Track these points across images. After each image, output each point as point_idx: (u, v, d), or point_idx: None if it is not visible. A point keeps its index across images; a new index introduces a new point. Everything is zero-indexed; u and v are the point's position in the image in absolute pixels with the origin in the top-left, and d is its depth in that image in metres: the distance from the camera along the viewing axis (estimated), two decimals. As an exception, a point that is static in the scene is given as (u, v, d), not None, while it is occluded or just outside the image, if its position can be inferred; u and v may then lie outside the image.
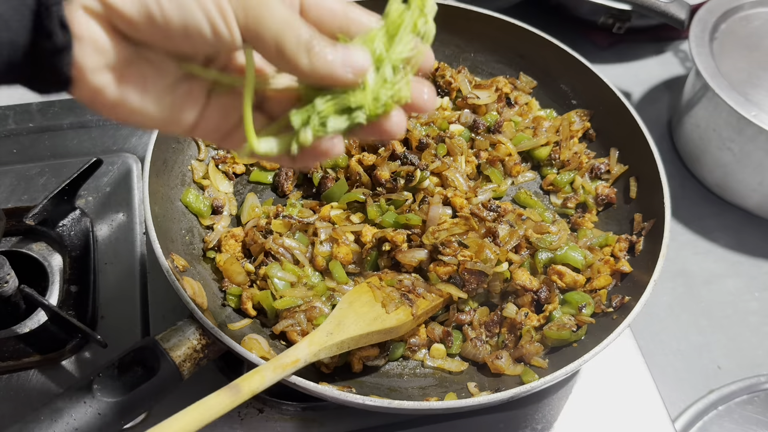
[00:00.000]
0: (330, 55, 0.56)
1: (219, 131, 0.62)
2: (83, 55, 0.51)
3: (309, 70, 0.56)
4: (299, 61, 0.55)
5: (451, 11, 1.32)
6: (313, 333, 0.88)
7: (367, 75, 0.58)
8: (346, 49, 0.57)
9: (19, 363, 0.99)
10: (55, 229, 1.12)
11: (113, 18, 0.51)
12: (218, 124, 0.62)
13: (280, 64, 0.57)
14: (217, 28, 0.53)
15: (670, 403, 1.08)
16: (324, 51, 0.56)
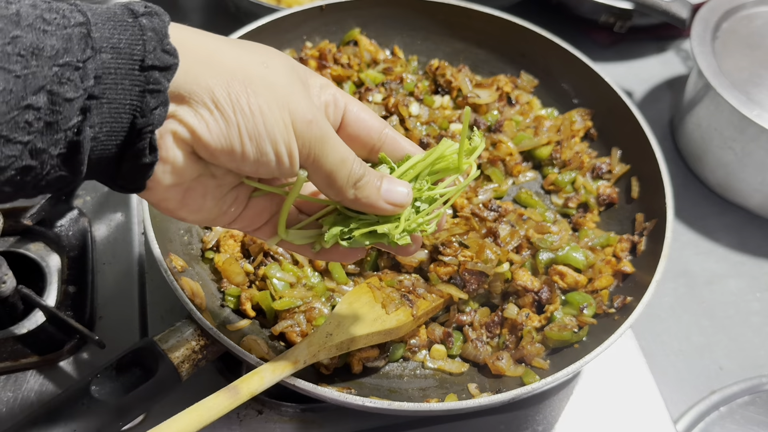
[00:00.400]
0: (374, 189, 0.64)
1: (252, 226, 0.69)
2: (162, 173, 0.57)
3: (352, 201, 0.64)
4: (346, 193, 0.63)
5: (452, 10, 1.32)
6: (313, 334, 0.87)
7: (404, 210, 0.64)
8: (389, 182, 0.65)
9: (17, 364, 0.98)
10: (52, 229, 1.11)
11: (197, 147, 0.56)
12: (252, 221, 0.69)
13: (328, 193, 0.64)
14: (283, 164, 0.59)
15: (672, 404, 1.08)
16: (369, 185, 0.64)
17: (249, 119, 0.56)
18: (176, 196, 0.60)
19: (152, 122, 0.52)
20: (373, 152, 0.69)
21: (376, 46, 1.33)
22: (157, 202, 0.61)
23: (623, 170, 1.19)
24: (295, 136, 0.58)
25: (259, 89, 0.56)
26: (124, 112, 0.51)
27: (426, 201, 0.68)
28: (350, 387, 0.94)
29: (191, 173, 0.59)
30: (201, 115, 0.54)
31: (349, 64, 1.27)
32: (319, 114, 0.60)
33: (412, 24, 1.35)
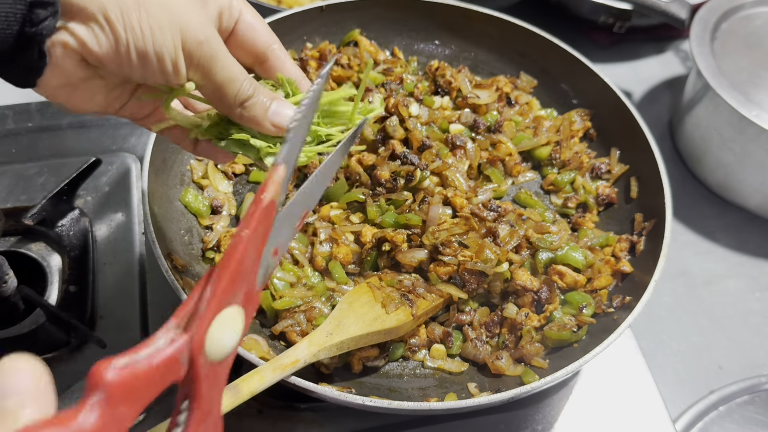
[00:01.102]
0: (262, 109, 0.68)
1: (138, 115, 0.75)
2: (51, 76, 0.62)
3: (238, 117, 0.68)
4: (233, 110, 0.68)
5: (451, 10, 1.32)
6: (313, 333, 0.88)
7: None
8: (279, 105, 0.69)
9: (18, 363, 0.98)
10: (54, 229, 1.11)
11: (86, 56, 0.61)
12: (138, 111, 0.74)
13: (216, 106, 0.69)
14: (169, 78, 0.64)
15: (671, 404, 1.08)
16: (258, 105, 0.67)
17: (138, 38, 0.60)
18: (66, 92, 0.65)
19: (41, 32, 0.57)
20: (258, 63, 0.73)
21: (376, 46, 1.33)
22: (47, 96, 0.66)
23: (622, 170, 1.19)
24: (184, 55, 0.62)
25: (152, 8, 0.60)
26: (14, 22, 0.56)
27: (311, 135, 0.72)
28: (350, 386, 0.94)
29: (80, 76, 0.64)
30: (92, 30, 0.59)
31: (349, 64, 1.28)
32: (211, 32, 0.64)
33: (412, 25, 1.36)
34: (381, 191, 1.08)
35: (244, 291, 0.53)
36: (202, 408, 0.50)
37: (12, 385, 0.43)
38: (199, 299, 0.50)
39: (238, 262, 0.52)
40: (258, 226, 0.54)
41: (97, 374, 0.43)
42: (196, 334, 0.49)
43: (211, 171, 1.15)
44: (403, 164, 1.08)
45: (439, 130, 1.18)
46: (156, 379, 0.46)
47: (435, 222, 1.03)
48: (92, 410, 0.42)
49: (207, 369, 0.50)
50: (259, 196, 0.55)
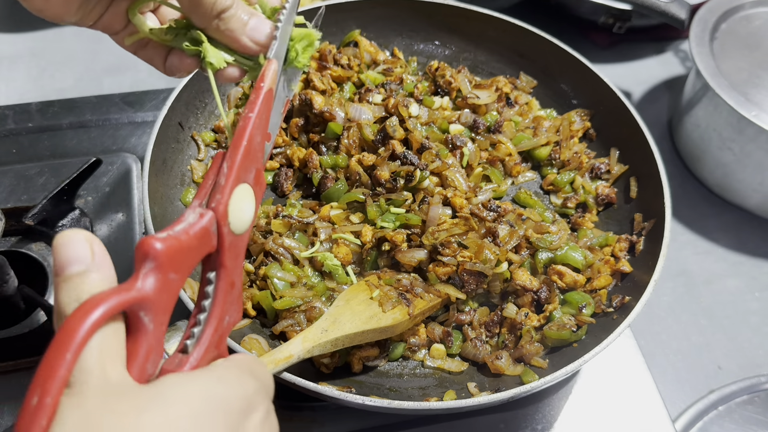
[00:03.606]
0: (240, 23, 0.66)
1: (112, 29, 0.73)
2: None
3: (215, 30, 0.66)
4: (210, 22, 0.66)
5: (451, 11, 1.33)
6: (308, 329, 0.88)
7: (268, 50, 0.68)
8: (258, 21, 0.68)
9: (19, 363, 0.99)
10: (54, 229, 1.12)
11: None
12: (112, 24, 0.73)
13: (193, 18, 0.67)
14: None
15: (671, 403, 1.08)
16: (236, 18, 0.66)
17: None
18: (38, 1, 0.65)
19: None
20: None
21: (376, 47, 1.33)
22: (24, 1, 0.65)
23: (622, 170, 1.19)
24: None
25: None
26: None
27: None
28: (350, 386, 0.94)
29: None
30: None
31: (349, 65, 1.28)
32: None
33: (411, 25, 1.36)
34: (381, 191, 1.08)
35: (254, 170, 0.59)
36: (227, 278, 0.55)
37: (74, 254, 0.47)
38: (217, 176, 0.56)
39: (249, 140, 0.58)
40: (261, 110, 0.60)
41: (146, 246, 0.47)
42: (221, 204, 0.54)
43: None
44: (403, 164, 1.08)
45: (439, 130, 1.18)
46: (194, 249, 0.51)
47: (435, 222, 1.03)
48: (147, 276, 0.47)
49: (230, 240, 0.55)
50: (259, 83, 0.62)
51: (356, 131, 1.14)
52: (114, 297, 0.44)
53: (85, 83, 1.50)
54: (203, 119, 1.21)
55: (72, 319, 0.42)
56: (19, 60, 1.52)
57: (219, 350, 0.55)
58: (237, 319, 0.58)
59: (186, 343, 0.53)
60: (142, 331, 0.47)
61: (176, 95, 1.10)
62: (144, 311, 0.47)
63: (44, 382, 0.40)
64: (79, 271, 0.47)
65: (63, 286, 0.46)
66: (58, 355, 0.41)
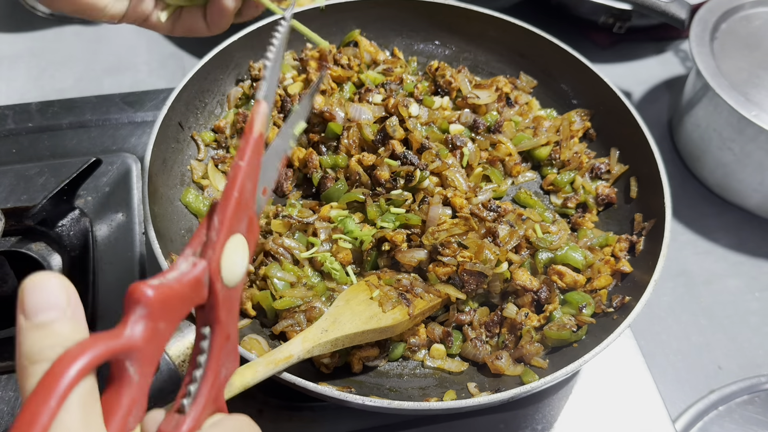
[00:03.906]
0: None
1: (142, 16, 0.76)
2: None
3: None
4: None
5: (451, 11, 1.33)
6: (308, 329, 0.88)
7: None
8: None
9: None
10: (54, 229, 1.11)
11: None
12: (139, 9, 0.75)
13: None
14: None
15: (671, 403, 1.08)
16: None
17: None
18: None
19: None
20: None
21: (376, 47, 1.33)
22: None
23: (622, 170, 1.19)
24: None
25: None
26: None
27: None
28: (350, 386, 0.94)
29: None
30: None
31: (349, 65, 1.28)
32: None
33: (411, 25, 1.36)
34: (381, 191, 1.08)
35: (246, 219, 0.58)
36: (222, 332, 0.54)
37: (45, 300, 0.43)
38: (209, 229, 0.55)
39: (239, 190, 0.57)
40: (252, 157, 0.59)
41: (137, 292, 0.45)
42: (212, 258, 0.53)
43: (211, 171, 1.15)
44: (403, 164, 1.08)
45: (439, 130, 1.18)
46: (186, 298, 0.50)
47: (435, 222, 1.03)
48: (137, 323, 0.45)
49: (224, 294, 0.54)
50: (249, 130, 0.60)
51: (356, 131, 1.14)
52: (102, 344, 0.42)
53: (85, 83, 1.50)
54: (203, 119, 1.21)
55: (55, 368, 0.40)
56: (19, 60, 1.52)
57: (217, 405, 0.54)
58: (233, 369, 0.57)
59: (182, 402, 0.52)
60: (126, 383, 0.44)
61: (176, 95, 1.10)
62: (130, 361, 0.44)
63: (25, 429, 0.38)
64: (52, 318, 0.43)
65: (31, 334, 0.42)
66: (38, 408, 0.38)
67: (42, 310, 0.43)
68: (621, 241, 1.09)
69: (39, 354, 0.42)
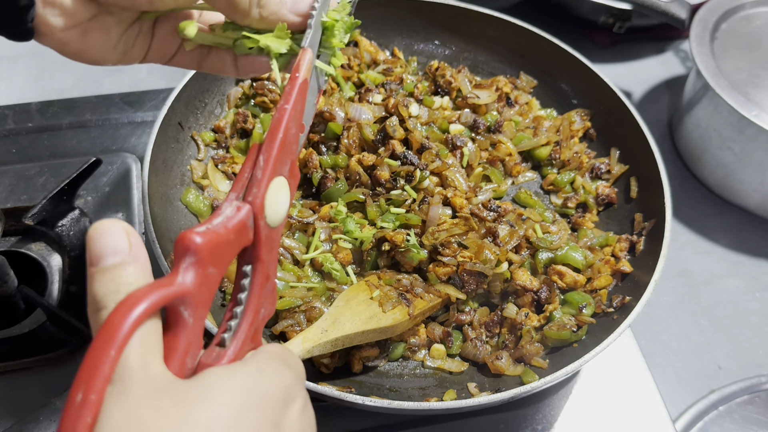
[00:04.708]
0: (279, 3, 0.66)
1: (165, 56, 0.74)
2: (53, 18, 0.60)
3: (259, 20, 0.67)
4: (251, 12, 0.65)
5: (451, 11, 1.32)
6: (308, 330, 0.88)
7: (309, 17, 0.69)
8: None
9: (19, 363, 0.99)
10: (54, 229, 1.11)
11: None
12: (163, 50, 0.73)
13: (234, 17, 0.67)
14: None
15: (671, 403, 1.08)
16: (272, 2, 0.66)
17: None
18: (76, 38, 0.63)
19: None
20: None
21: (376, 47, 1.33)
22: (60, 46, 0.64)
23: (622, 170, 1.19)
24: None
25: None
26: None
27: None
28: (350, 386, 0.94)
29: (85, 14, 0.62)
30: None
31: (349, 64, 1.28)
32: None
33: (411, 25, 1.36)
34: (381, 191, 1.08)
35: (289, 162, 0.59)
36: (263, 271, 0.55)
37: (111, 245, 0.45)
38: (253, 169, 0.55)
39: (285, 132, 0.58)
40: (296, 100, 0.60)
41: (186, 240, 0.47)
42: (257, 198, 0.54)
43: (211, 171, 1.15)
44: (403, 164, 1.08)
45: (439, 130, 1.18)
46: (232, 242, 0.51)
47: (435, 222, 1.03)
48: (188, 270, 0.46)
49: (266, 233, 0.55)
50: (294, 74, 0.62)
51: (356, 131, 1.14)
52: (156, 292, 0.44)
53: (85, 83, 1.50)
54: (203, 119, 1.21)
55: (115, 315, 0.42)
56: (19, 60, 1.52)
57: (254, 343, 0.55)
58: (271, 311, 0.58)
59: (223, 336, 0.53)
60: (182, 326, 0.47)
61: (176, 95, 1.10)
62: (184, 306, 0.46)
63: (88, 378, 0.40)
64: (116, 262, 0.45)
65: (99, 278, 0.45)
66: (103, 351, 0.40)
67: (106, 255, 0.45)
68: (621, 241, 1.09)
69: (103, 300, 0.44)
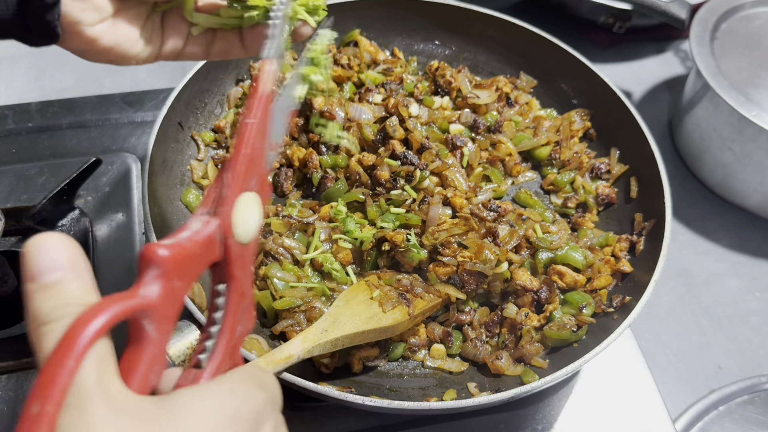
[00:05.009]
0: None
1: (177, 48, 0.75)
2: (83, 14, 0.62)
3: None
4: None
5: (451, 11, 1.32)
6: (308, 330, 0.88)
7: None
8: None
9: (19, 363, 0.99)
10: (54, 229, 1.11)
11: None
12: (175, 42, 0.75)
13: None
14: None
15: (671, 403, 1.08)
16: None
17: None
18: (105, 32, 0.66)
19: None
20: None
21: (376, 47, 1.33)
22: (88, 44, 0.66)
23: (622, 170, 1.19)
24: None
25: None
26: None
27: None
28: (350, 386, 0.94)
29: (111, 7, 0.66)
30: None
31: (349, 64, 1.28)
32: None
33: (411, 25, 1.36)
34: (381, 191, 1.08)
35: (256, 177, 0.59)
36: (237, 289, 0.55)
37: (49, 261, 0.43)
38: (221, 187, 0.55)
39: (249, 146, 0.58)
40: (261, 114, 0.60)
41: (150, 253, 0.46)
42: (224, 215, 0.54)
43: (211, 171, 1.15)
44: (403, 164, 1.08)
45: (439, 130, 1.18)
46: (199, 256, 0.51)
47: (435, 222, 1.03)
48: (152, 283, 0.45)
49: (237, 250, 0.55)
50: (257, 87, 0.61)
51: (356, 131, 1.14)
52: (118, 304, 0.43)
53: (85, 83, 1.50)
54: (203, 119, 1.21)
55: (76, 326, 0.40)
56: (19, 60, 1.52)
57: (233, 361, 0.55)
58: (249, 328, 0.57)
59: (199, 357, 0.52)
60: (145, 340, 0.46)
61: (176, 95, 1.10)
62: (147, 319, 0.45)
63: (44, 389, 0.39)
64: (57, 279, 0.43)
65: (38, 296, 0.43)
66: (60, 362, 0.39)
67: (46, 270, 0.43)
68: (621, 241, 1.09)
69: (49, 314, 0.42)
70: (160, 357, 0.47)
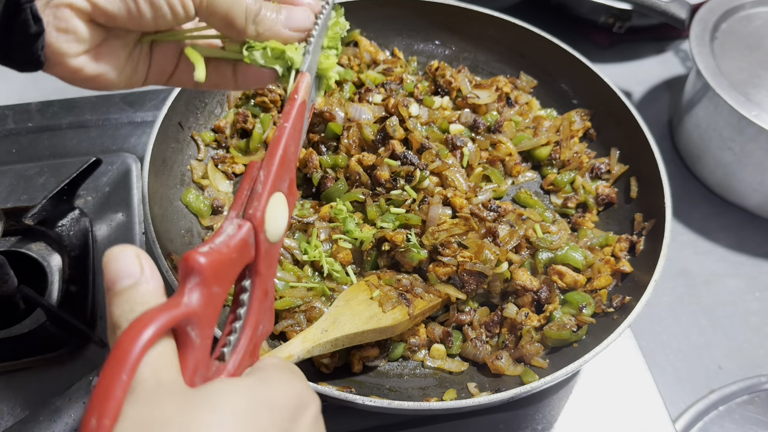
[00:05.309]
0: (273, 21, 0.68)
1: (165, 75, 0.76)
2: (67, 44, 0.63)
3: (255, 36, 0.68)
4: (247, 30, 0.67)
5: (451, 11, 1.32)
6: (308, 330, 0.88)
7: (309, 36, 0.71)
8: (289, 10, 0.70)
9: (19, 363, 0.99)
10: (54, 229, 1.11)
11: (96, 15, 0.62)
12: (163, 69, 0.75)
13: (231, 33, 0.69)
14: (178, 15, 0.65)
15: (671, 403, 1.08)
16: (268, 18, 0.67)
17: None
18: (89, 63, 0.66)
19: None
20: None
21: (376, 47, 1.33)
22: (71, 74, 0.66)
23: (622, 170, 1.19)
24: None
25: None
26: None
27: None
28: (350, 386, 0.94)
29: (95, 39, 0.65)
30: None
31: (349, 64, 1.28)
32: None
33: (411, 25, 1.36)
34: (381, 191, 1.08)
35: (287, 179, 0.60)
36: (262, 286, 0.56)
37: (123, 268, 0.48)
38: (253, 184, 0.57)
39: (284, 149, 0.59)
40: (295, 120, 0.62)
41: (190, 261, 0.48)
42: (258, 211, 0.55)
43: (211, 171, 1.15)
44: (403, 164, 1.08)
45: (439, 130, 1.18)
46: (235, 260, 0.52)
47: (435, 222, 1.03)
48: (193, 291, 0.47)
49: (266, 248, 0.56)
50: (293, 95, 0.65)
51: (356, 131, 1.14)
52: (163, 314, 0.44)
53: (85, 83, 1.50)
54: (203, 119, 1.21)
55: (125, 338, 0.43)
56: (19, 60, 1.52)
57: (253, 359, 0.55)
58: (269, 328, 0.58)
59: (222, 350, 0.53)
60: (190, 346, 0.48)
61: (176, 95, 1.10)
62: (191, 326, 0.47)
63: (101, 403, 0.41)
64: (130, 284, 0.48)
65: (115, 300, 0.47)
66: (114, 376, 0.41)
67: (119, 278, 0.48)
68: (621, 241, 1.09)
69: (119, 320, 0.46)
70: (204, 361, 0.49)
